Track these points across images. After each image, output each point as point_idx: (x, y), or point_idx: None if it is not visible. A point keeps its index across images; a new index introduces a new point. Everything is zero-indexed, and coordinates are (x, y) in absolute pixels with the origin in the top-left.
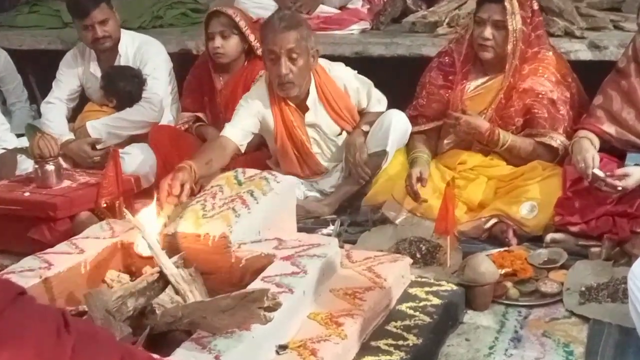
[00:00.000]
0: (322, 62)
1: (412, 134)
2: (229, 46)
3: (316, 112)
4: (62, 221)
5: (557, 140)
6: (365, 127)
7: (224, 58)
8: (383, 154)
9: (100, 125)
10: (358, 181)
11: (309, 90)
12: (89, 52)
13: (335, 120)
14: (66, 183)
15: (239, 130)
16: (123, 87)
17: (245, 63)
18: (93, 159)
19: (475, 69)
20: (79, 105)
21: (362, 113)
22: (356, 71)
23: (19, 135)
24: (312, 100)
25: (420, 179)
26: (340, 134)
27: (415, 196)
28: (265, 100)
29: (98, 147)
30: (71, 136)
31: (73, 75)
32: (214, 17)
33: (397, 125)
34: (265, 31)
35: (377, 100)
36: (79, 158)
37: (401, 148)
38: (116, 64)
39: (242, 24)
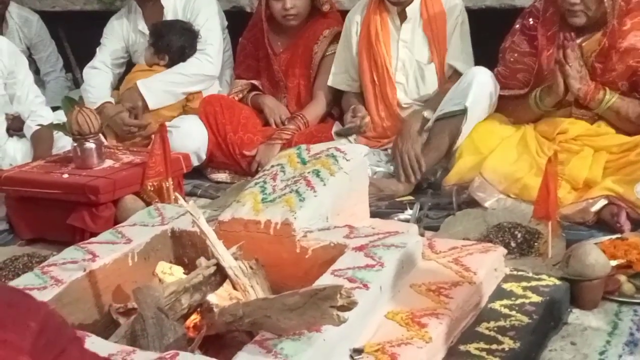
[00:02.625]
0: None
1: None
2: (301, 4)
3: (414, 27)
4: (105, 206)
5: None
6: (427, 113)
7: (295, 19)
8: (461, 114)
9: (153, 82)
10: (404, 179)
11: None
12: (134, 9)
13: (429, 42)
14: (108, 163)
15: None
16: (174, 41)
17: (308, 23)
18: (130, 129)
19: (564, 31)
20: (127, 73)
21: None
22: None
23: (54, 109)
24: (414, 10)
25: None
26: (431, 62)
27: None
28: (359, 13)
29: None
30: (109, 100)
31: (118, 37)
32: None
33: (482, 83)
34: None
35: (462, 51)
36: (114, 125)
37: (491, 115)
38: (163, 19)
39: None
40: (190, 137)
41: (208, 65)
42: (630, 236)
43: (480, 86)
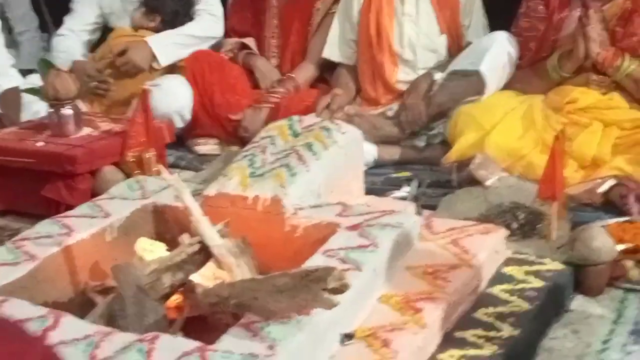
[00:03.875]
0: None
1: None
2: None
3: (418, 0)
4: (82, 177)
5: None
6: (437, 75)
7: None
8: (477, 76)
9: (164, 39)
10: (406, 125)
11: None
12: None
13: (438, 16)
14: (86, 131)
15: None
16: (169, 2)
17: None
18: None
19: None
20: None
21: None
22: None
23: (28, 71)
24: None
25: None
26: (440, 36)
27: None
28: None
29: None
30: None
31: (90, 1)
32: None
33: (500, 53)
34: None
35: (475, 19)
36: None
37: (504, 92)
38: None
39: None
40: (174, 96)
41: (216, 26)
42: (639, 219)
43: (499, 53)
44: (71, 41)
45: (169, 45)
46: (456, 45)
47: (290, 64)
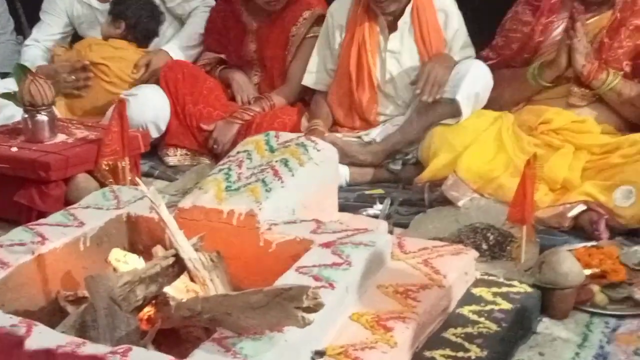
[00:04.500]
0: None
1: None
2: None
3: (402, 37)
4: (56, 184)
5: None
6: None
7: (279, 4)
8: (453, 102)
9: (180, 43)
10: (420, 96)
11: (404, 9)
12: None
13: (420, 52)
14: (61, 138)
15: (325, 74)
16: (132, 8)
17: (287, 2)
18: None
19: (570, 8)
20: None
21: None
22: None
23: (3, 75)
24: (405, 21)
25: None
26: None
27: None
28: (344, 14)
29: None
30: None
31: (59, 12)
32: None
33: (477, 80)
34: None
35: (462, 46)
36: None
37: (473, 114)
38: None
39: None
40: (150, 106)
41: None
42: (606, 245)
43: (474, 81)
44: (36, 50)
45: (185, 49)
46: None
47: (270, 88)
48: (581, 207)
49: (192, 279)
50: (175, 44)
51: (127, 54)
